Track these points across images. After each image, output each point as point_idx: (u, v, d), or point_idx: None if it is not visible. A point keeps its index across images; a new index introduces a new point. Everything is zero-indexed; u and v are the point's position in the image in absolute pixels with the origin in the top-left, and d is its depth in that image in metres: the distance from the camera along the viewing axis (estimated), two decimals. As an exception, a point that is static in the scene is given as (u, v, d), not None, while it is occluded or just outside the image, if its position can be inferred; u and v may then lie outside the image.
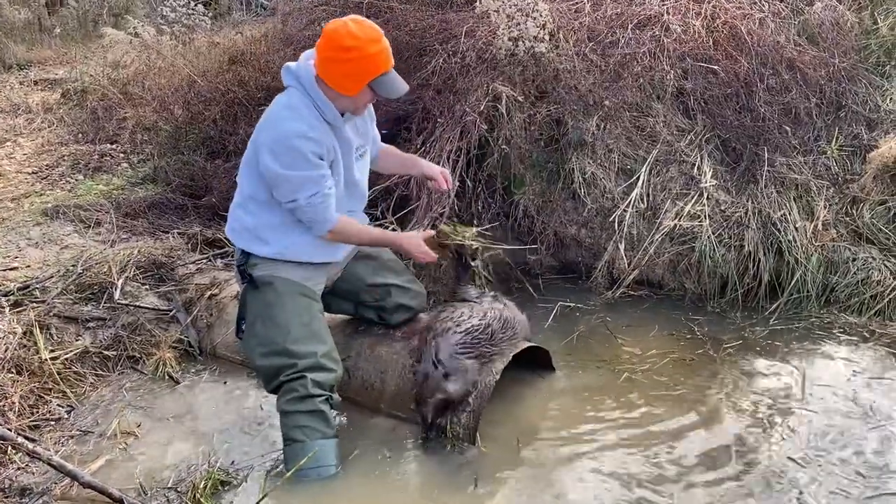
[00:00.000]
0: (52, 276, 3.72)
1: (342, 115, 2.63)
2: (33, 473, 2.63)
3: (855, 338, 3.54)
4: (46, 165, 5.72)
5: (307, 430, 2.56)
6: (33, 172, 5.58)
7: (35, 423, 2.91)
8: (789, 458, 2.69)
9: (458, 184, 4.05)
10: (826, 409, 2.99)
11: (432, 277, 4.00)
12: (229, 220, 2.80)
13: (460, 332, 2.73)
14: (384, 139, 4.21)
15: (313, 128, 2.53)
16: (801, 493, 2.51)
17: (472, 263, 2.98)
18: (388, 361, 2.97)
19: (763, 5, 4.64)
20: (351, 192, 2.78)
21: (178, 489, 2.55)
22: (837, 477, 2.58)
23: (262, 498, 2.41)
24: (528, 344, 3.00)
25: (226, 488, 2.56)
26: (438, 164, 4.00)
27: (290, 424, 2.58)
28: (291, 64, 2.64)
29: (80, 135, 6.31)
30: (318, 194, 2.54)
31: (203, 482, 2.50)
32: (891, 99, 4.49)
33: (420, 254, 2.81)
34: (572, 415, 2.99)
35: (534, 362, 3.21)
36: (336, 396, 2.66)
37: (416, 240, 2.82)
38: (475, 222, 3.88)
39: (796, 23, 4.67)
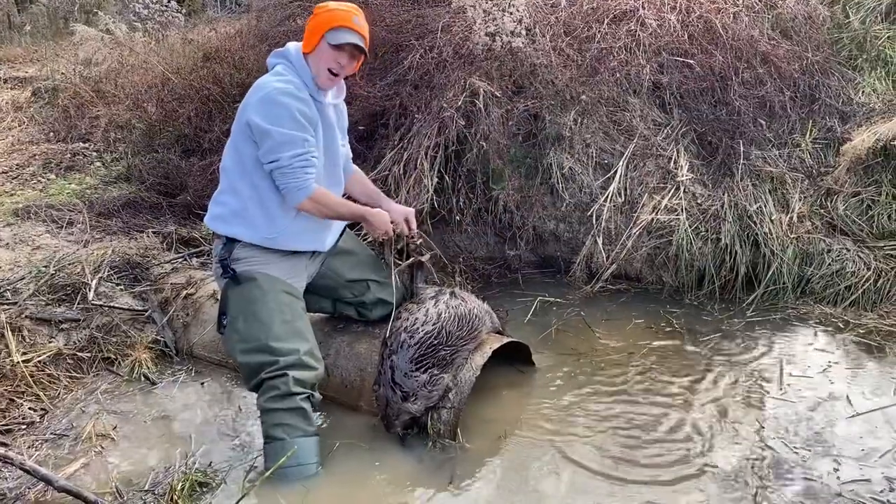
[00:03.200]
0: (23, 278, 3.65)
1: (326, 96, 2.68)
2: (6, 479, 2.58)
3: (830, 328, 3.59)
4: (17, 165, 5.62)
5: (288, 427, 2.54)
6: (3, 172, 5.48)
7: (7, 427, 2.85)
8: (767, 446, 2.71)
9: (436, 180, 4.04)
10: (803, 399, 3.02)
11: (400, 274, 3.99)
12: (212, 209, 2.75)
13: (414, 345, 2.71)
14: (360, 137, 4.22)
15: (300, 90, 2.58)
16: (778, 480, 2.53)
17: (421, 258, 3.00)
18: (368, 359, 2.95)
19: (737, -1, 4.68)
20: (331, 175, 2.77)
21: (156, 492, 2.51)
22: (813, 464, 2.61)
23: (241, 498, 2.38)
24: (508, 339, 3.00)
25: (204, 489, 2.53)
26: (416, 160, 4.00)
27: (270, 422, 2.56)
28: (278, 49, 2.71)
29: (51, 133, 6.22)
30: (301, 157, 2.53)
31: (181, 484, 2.47)
32: (863, 92, 4.55)
33: (382, 228, 2.78)
34: (551, 409, 2.99)
35: (513, 357, 3.20)
36: (317, 395, 2.64)
37: (383, 216, 2.79)
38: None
39: (770, 17, 4.72)
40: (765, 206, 3.99)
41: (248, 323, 2.63)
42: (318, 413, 2.65)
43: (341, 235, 3.01)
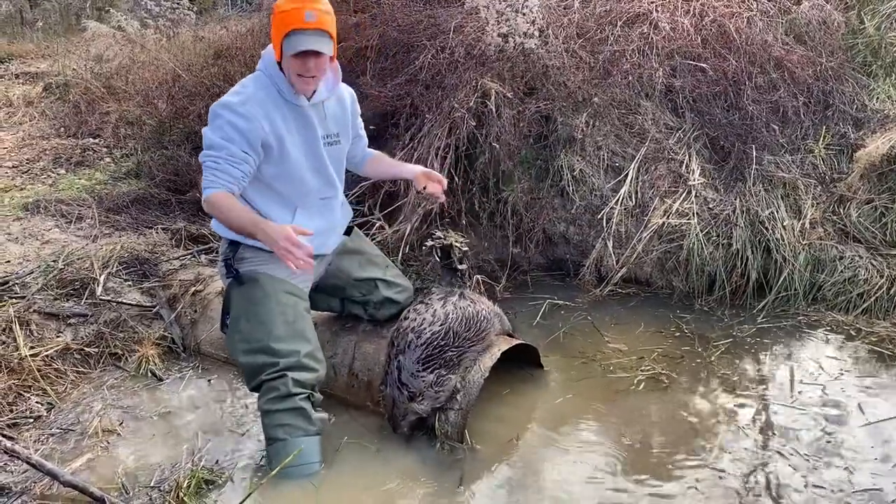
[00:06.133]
0: (32, 272, 3.66)
1: (308, 99, 2.62)
2: (12, 473, 2.57)
3: (842, 336, 3.55)
4: (27, 159, 5.64)
5: (289, 427, 2.53)
6: (14, 166, 5.50)
7: (14, 420, 2.85)
8: (777, 453, 2.69)
9: (447, 180, 4.01)
10: (813, 407, 2.98)
11: (418, 273, 3.98)
12: None
13: (421, 346, 2.69)
14: (371, 136, 4.19)
15: (245, 104, 2.50)
16: (788, 488, 2.50)
17: (461, 267, 2.99)
18: (375, 358, 2.94)
19: (751, 4, 4.65)
20: (322, 177, 2.75)
21: (161, 488, 2.50)
22: (823, 473, 2.58)
23: (247, 497, 2.37)
24: (516, 341, 2.98)
25: (210, 487, 2.51)
26: (427, 161, 3.98)
27: (271, 423, 2.55)
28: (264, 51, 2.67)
29: (62, 129, 6.24)
30: (214, 158, 2.48)
31: (187, 481, 2.46)
32: (877, 98, 4.51)
33: (284, 248, 2.28)
34: (560, 412, 2.97)
35: (522, 359, 3.18)
36: (317, 394, 2.63)
37: (277, 232, 2.32)
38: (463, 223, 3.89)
39: (784, 22, 4.69)
40: (777, 211, 3.96)
41: (250, 323, 2.62)
42: (324, 413, 2.63)
43: (349, 234, 3.00)
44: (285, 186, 2.65)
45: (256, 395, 2.63)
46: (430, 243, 2.98)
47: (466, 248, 2.97)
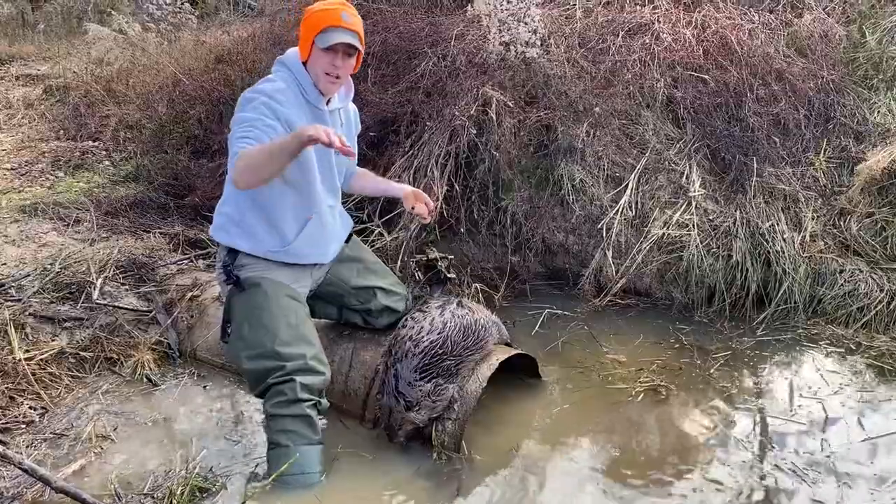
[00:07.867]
0: (28, 275, 3.63)
1: (327, 102, 2.66)
2: (3, 478, 2.54)
3: (842, 350, 3.53)
4: (26, 162, 5.61)
5: (292, 434, 2.51)
6: (12, 168, 5.47)
7: (6, 425, 2.82)
8: (776, 466, 2.67)
9: (446, 188, 4.01)
10: (812, 421, 2.97)
11: (417, 282, 3.97)
12: (215, 219, 2.74)
13: (419, 354, 2.68)
14: (371, 143, 4.20)
15: (277, 92, 2.53)
16: (785, 502, 2.49)
17: (450, 276, 3.01)
18: (373, 367, 2.92)
19: (753, 16, 4.66)
20: (328, 184, 2.76)
21: (155, 495, 2.47)
22: (821, 488, 2.56)
23: (242, 505, 2.35)
24: (515, 351, 2.96)
25: (204, 495, 2.49)
26: (427, 168, 3.98)
27: (275, 428, 2.52)
28: (280, 56, 2.69)
29: (61, 131, 6.21)
30: (249, 127, 2.42)
31: (180, 488, 2.43)
32: (878, 112, 4.51)
33: (323, 131, 2.20)
34: (558, 422, 2.95)
35: (520, 369, 3.17)
36: (324, 401, 2.61)
37: (315, 125, 2.26)
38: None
39: (785, 34, 4.69)
40: (777, 224, 3.96)
41: (254, 329, 2.60)
42: (322, 420, 2.62)
43: (347, 242, 2.99)
44: (302, 189, 2.64)
45: (258, 401, 2.61)
46: (414, 261, 3.03)
47: (452, 257, 3.02)
